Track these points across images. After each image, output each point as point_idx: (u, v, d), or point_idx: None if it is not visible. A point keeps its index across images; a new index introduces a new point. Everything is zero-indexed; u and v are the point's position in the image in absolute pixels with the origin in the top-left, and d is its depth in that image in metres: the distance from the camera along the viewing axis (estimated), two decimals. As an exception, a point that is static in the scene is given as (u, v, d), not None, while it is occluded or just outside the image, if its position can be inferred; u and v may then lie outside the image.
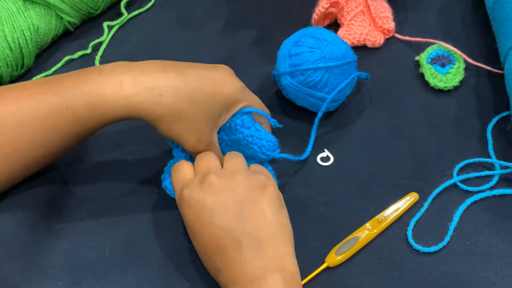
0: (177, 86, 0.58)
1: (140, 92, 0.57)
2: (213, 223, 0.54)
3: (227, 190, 0.55)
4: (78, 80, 0.59)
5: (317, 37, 0.70)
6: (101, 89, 0.57)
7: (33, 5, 0.78)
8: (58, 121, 0.58)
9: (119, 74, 0.58)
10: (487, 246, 0.62)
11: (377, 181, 0.68)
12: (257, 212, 0.55)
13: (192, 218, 0.56)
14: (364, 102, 0.75)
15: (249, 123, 0.60)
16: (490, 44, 0.79)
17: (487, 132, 0.71)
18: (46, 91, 0.59)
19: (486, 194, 0.66)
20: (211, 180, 0.56)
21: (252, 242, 0.53)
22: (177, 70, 0.59)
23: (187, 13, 0.88)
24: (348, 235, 0.63)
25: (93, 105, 0.57)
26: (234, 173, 0.57)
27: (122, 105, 0.57)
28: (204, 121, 0.59)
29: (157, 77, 0.58)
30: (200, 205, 0.55)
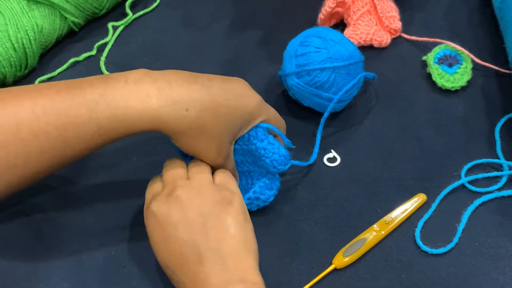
0: (204, 99, 0.56)
1: (167, 104, 0.55)
2: (177, 237, 0.54)
3: (193, 205, 0.55)
4: (102, 90, 0.55)
5: (324, 37, 0.69)
6: (128, 100, 0.55)
7: (37, 5, 0.78)
8: (80, 133, 0.55)
9: (145, 85, 0.55)
10: (495, 248, 0.62)
11: (384, 182, 0.68)
12: (221, 227, 0.55)
13: (156, 230, 0.56)
14: (371, 102, 0.75)
15: (263, 136, 0.60)
16: (497, 44, 0.79)
17: (495, 132, 0.71)
18: (66, 98, 0.55)
19: (494, 195, 0.65)
20: (177, 194, 0.55)
21: (215, 256, 0.53)
22: (201, 82, 0.57)
23: (192, 14, 0.88)
24: (355, 236, 0.63)
25: (119, 117, 0.55)
26: (200, 187, 0.56)
27: (149, 117, 0.55)
28: (225, 135, 0.58)
29: (184, 89, 0.56)
30: (165, 218, 0.55)
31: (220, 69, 0.79)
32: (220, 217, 0.55)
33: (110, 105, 0.54)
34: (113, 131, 0.55)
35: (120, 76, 0.56)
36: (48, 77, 0.79)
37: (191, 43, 0.84)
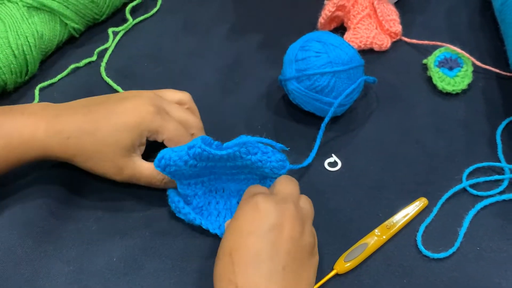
0: (83, 127, 0.62)
1: (52, 135, 0.62)
2: (263, 237, 0.53)
3: (293, 226, 0.54)
4: (1, 119, 0.63)
5: (324, 41, 0.69)
6: (20, 131, 0.62)
7: (37, 12, 0.78)
8: None
9: (36, 118, 0.62)
10: (497, 252, 0.62)
11: (386, 186, 0.67)
12: (300, 277, 0.54)
13: (248, 217, 0.55)
14: (372, 106, 0.75)
15: (254, 150, 0.60)
16: (498, 47, 0.79)
17: (497, 135, 0.71)
18: None
19: (496, 199, 0.65)
20: (288, 206, 0.55)
21: (277, 277, 0.52)
22: (86, 111, 0.63)
23: (192, 18, 0.88)
24: (356, 241, 0.63)
25: (11, 145, 0.62)
26: (305, 220, 0.57)
27: (37, 147, 0.62)
28: (118, 153, 0.62)
29: (67, 121, 0.62)
30: (265, 214, 0.54)
31: (220, 73, 0.79)
32: (304, 265, 0.55)
33: (5, 134, 0.62)
34: (9, 158, 0.62)
35: (20, 108, 0.64)
36: (49, 83, 0.79)
37: (192, 47, 0.84)
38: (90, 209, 0.66)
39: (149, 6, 0.89)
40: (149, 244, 0.64)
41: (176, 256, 0.63)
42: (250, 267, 0.52)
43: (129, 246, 0.63)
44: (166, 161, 0.60)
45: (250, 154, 0.60)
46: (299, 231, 0.54)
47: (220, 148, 0.60)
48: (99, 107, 0.63)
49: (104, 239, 0.64)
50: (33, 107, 0.64)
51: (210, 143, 0.60)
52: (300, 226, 0.55)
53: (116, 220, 0.65)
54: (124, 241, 0.64)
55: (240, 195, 0.65)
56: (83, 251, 0.63)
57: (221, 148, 0.60)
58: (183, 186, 0.63)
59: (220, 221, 0.64)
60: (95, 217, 0.66)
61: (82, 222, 0.65)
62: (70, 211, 0.66)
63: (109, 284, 0.61)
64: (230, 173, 0.63)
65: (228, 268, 0.53)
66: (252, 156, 0.60)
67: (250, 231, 0.54)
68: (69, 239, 0.64)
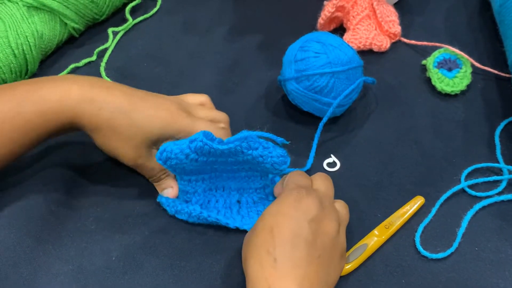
0: (119, 103, 0.61)
1: (84, 101, 0.60)
2: (301, 226, 0.54)
3: (331, 225, 0.56)
4: (31, 87, 0.61)
5: (323, 42, 0.69)
6: (50, 95, 0.61)
7: (37, 11, 0.78)
8: (10, 128, 0.61)
9: (68, 83, 0.61)
10: (496, 252, 0.62)
11: (384, 187, 0.67)
12: (332, 271, 0.56)
13: (290, 206, 0.56)
14: (371, 106, 0.75)
15: (255, 144, 0.60)
16: (497, 48, 0.79)
17: (495, 136, 0.71)
18: (0, 96, 0.61)
19: (494, 200, 0.65)
20: (329, 206, 0.58)
21: (298, 272, 0.53)
22: (124, 91, 0.63)
23: (192, 19, 0.88)
24: (356, 241, 0.63)
25: (41, 111, 0.60)
26: (342, 222, 0.59)
27: (66, 111, 0.60)
28: (142, 139, 0.62)
29: (103, 92, 0.61)
30: (308, 206, 0.56)
31: (220, 73, 0.80)
32: (335, 264, 0.57)
33: (34, 99, 0.60)
34: (38, 126, 0.61)
35: (51, 76, 0.64)
36: (48, 83, 0.79)
37: (191, 48, 0.84)
38: (89, 208, 0.67)
39: (148, 6, 0.89)
40: (148, 243, 0.64)
41: (175, 254, 0.63)
42: (289, 245, 0.53)
43: (128, 245, 0.64)
44: (168, 154, 0.60)
45: (251, 149, 0.60)
46: (336, 230, 0.56)
47: (221, 142, 0.60)
48: (136, 92, 0.64)
49: (103, 238, 0.64)
50: (64, 75, 0.64)
51: (212, 138, 0.60)
52: (337, 226, 0.57)
53: (115, 219, 0.66)
54: (123, 240, 0.64)
55: (240, 194, 0.65)
56: (82, 250, 0.63)
57: (223, 143, 0.60)
58: (184, 182, 0.63)
59: (219, 220, 0.64)
60: (94, 216, 0.66)
61: (81, 221, 0.65)
62: (69, 210, 0.66)
63: (108, 283, 0.61)
64: (231, 170, 0.64)
65: (268, 241, 0.54)
66: (253, 151, 0.60)
67: (292, 216, 0.55)
68: (68, 238, 0.64)
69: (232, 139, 0.60)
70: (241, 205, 0.65)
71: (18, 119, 0.60)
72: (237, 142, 0.59)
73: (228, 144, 0.59)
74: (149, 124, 0.62)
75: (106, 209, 0.66)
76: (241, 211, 0.65)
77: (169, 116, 0.63)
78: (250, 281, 0.53)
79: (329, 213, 0.57)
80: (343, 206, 0.61)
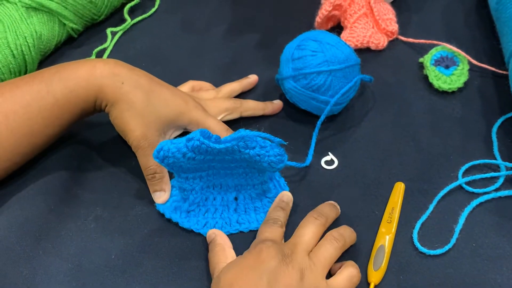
0: (140, 80, 0.65)
1: (108, 76, 0.64)
2: (259, 279, 0.55)
3: (286, 284, 0.55)
4: (58, 68, 0.66)
5: (320, 40, 0.69)
6: (77, 71, 0.65)
7: (36, 12, 0.78)
8: (41, 107, 0.64)
9: (94, 62, 0.66)
10: (493, 248, 0.62)
11: (382, 184, 0.68)
12: None
13: (251, 257, 0.57)
14: (368, 104, 0.75)
15: (252, 143, 0.60)
16: (494, 45, 0.79)
17: (492, 133, 0.71)
18: (29, 81, 0.65)
19: (491, 196, 0.66)
20: (293, 257, 0.57)
21: None
22: (145, 74, 0.67)
23: (190, 18, 0.88)
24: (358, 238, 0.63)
25: (70, 87, 0.64)
26: (303, 273, 0.57)
27: (92, 85, 0.64)
28: (153, 120, 0.65)
29: (126, 69, 0.66)
30: (265, 258, 0.56)
31: (218, 72, 0.80)
32: None
33: (63, 77, 0.64)
34: (67, 102, 0.65)
35: (75, 61, 0.67)
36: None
37: (190, 47, 0.84)
38: (89, 207, 0.67)
39: (147, 7, 0.90)
40: (147, 242, 0.64)
41: (174, 253, 0.63)
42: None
43: (127, 244, 0.64)
44: (165, 153, 0.60)
45: (248, 148, 0.60)
46: (296, 279, 0.55)
47: (218, 141, 0.60)
48: (156, 78, 0.68)
49: (103, 237, 0.65)
50: (89, 58, 0.69)
51: (209, 136, 0.60)
52: (298, 274, 0.56)
53: (115, 218, 0.66)
54: (123, 239, 0.64)
55: (237, 190, 0.65)
56: (81, 249, 0.64)
57: (220, 142, 0.60)
58: (181, 180, 0.64)
59: (216, 218, 0.65)
60: (94, 215, 0.66)
61: (81, 220, 0.66)
62: (69, 209, 0.67)
63: (107, 281, 0.61)
64: (229, 167, 0.64)
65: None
66: (250, 150, 0.60)
67: (251, 269, 0.56)
68: (68, 237, 0.65)
69: (230, 138, 0.60)
70: (239, 202, 0.66)
71: (47, 98, 0.64)
72: (234, 142, 0.60)
73: (225, 143, 0.60)
74: (164, 108, 0.66)
75: (106, 208, 0.67)
76: (238, 208, 0.65)
77: (184, 105, 0.67)
78: None
79: (292, 262, 0.56)
80: (347, 230, 0.62)
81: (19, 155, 0.66)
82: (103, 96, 0.64)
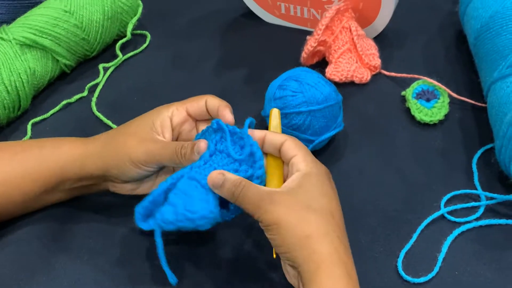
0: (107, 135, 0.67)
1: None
2: (339, 206, 0.60)
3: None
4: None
5: (300, 80, 0.72)
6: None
7: (29, 49, 0.80)
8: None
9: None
10: (475, 276, 0.64)
11: (368, 214, 0.69)
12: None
13: (330, 188, 0.60)
14: (353, 137, 0.77)
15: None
16: (473, 79, 0.81)
17: (473, 164, 0.73)
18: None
19: (473, 225, 0.67)
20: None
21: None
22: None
23: (180, 54, 0.90)
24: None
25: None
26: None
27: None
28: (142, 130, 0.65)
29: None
30: (333, 183, 0.61)
31: (207, 107, 0.81)
32: None
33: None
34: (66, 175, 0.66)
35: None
36: (41, 119, 0.81)
37: (180, 82, 0.86)
38: (82, 240, 0.68)
39: (138, 43, 0.92)
40: (141, 275, 0.65)
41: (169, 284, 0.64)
42: (344, 228, 0.58)
43: (120, 277, 0.64)
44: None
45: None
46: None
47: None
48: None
49: (96, 269, 0.65)
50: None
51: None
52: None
53: (108, 251, 0.67)
54: (115, 271, 0.65)
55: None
56: (75, 281, 0.64)
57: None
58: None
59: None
60: (87, 248, 0.67)
61: (74, 253, 0.66)
62: (62, 242, 0.67)
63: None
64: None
65: (334, 227, 0.56)
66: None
67: (335, 198, 0.59)
68: (62, 269, 0.65)
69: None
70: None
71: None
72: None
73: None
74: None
75: (99, 241, 0.68)
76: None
77: (162, 108, 0.68)
78: (326, 260, 0.54)
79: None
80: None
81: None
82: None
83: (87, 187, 0.68)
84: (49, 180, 0.66)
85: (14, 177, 0.65)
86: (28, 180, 0.65)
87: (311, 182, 0.58)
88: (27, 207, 0.68)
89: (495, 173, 0.72)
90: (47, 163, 0.66)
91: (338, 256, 0.54)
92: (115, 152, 0.64)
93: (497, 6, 0.76)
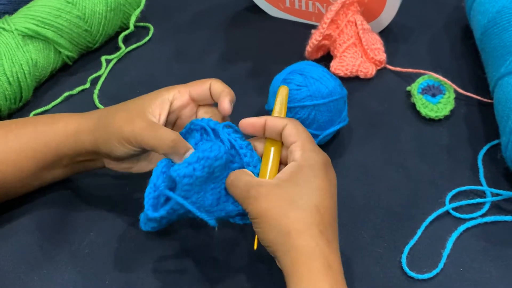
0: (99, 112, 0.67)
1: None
2: (335, 199, 0.59)
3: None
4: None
5: (305, 74, 0.71)
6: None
7: (31, 40, 0.80)
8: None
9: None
10: (480, 273, 0.63)
11: (372, 210, 0.69)
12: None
13: (323, 181, 0.58)
14: (357, 131, 0.77)
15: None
16: (479, 74, 0.81)
17: (478, 160, 0.73)
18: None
19: (478, 221, 0.67)
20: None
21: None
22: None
23: (183, 47, 0.90)
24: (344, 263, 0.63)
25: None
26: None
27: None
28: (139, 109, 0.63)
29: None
30: (332, 176, 0.60)
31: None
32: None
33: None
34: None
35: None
36: (43, 110, 0.81)
37: (183, 75, 0.85)
38: (83, 233, 0.67)
39: (141, 35, 0.91)
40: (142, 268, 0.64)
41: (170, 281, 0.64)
42: (334, 222, 0.58)
43: (121, 269, 0.64)
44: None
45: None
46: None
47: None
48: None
49: (97, 262, 0.65)
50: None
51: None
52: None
53: (109, 244, 0.66)
54: (117, 264, 0.65)
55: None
56: (75, 274, 0.64)
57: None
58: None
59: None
60: (88, 240, 0.67)
61: (75, 246, 0.66)
62: (63, 234, 0.67)
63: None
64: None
65: (318, 220, 0.55)
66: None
67: (329, 191, 0.58)
68: (62, 263, 0.65)
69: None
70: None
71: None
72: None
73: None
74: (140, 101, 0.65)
75: (100, 234, 0.67)
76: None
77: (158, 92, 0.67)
78: (304, 254, 0.53)
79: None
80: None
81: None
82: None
83: (85, 163, 0.67)
84: (45, 156, 0.65)
85: (9, 154, 0.64)
86: (23, 156, 0.65)
87: (302, 175, 0.57)
88: (25, 185, 0.67)
89: (501, 169, 0.71)
90: (42, 139, 0.65)
91: (318, 250, 0.54)
92: (104, 129, 0.62)
93: (505, 1, 0.76)
